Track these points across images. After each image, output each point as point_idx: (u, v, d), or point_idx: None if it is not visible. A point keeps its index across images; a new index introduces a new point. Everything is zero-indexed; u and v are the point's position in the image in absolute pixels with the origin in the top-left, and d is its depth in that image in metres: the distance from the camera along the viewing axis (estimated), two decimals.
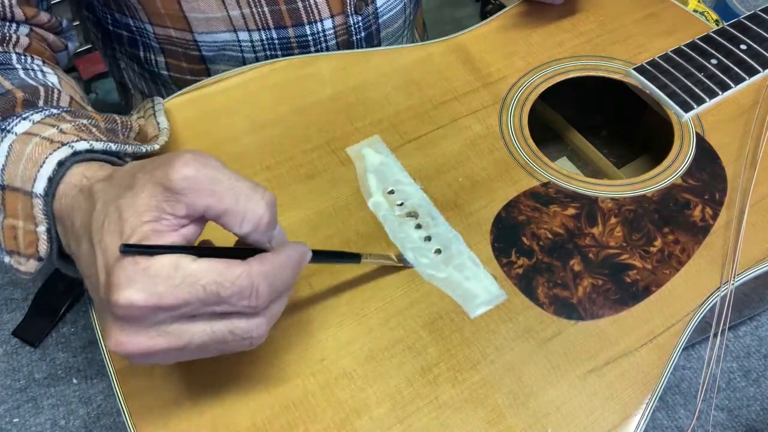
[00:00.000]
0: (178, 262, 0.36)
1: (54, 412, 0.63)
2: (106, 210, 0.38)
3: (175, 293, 0.36)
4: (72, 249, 0.43)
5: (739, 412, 0.59)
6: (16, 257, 0.46)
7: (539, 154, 0.60)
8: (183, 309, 0.37)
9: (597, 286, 0.52)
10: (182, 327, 0.38)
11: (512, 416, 0.46)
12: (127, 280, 0.35)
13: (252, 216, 0.38)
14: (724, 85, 0.64)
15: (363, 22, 0.74)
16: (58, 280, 0.69)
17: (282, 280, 0.40)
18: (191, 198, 0.37)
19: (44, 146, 0.45)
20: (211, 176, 0.37)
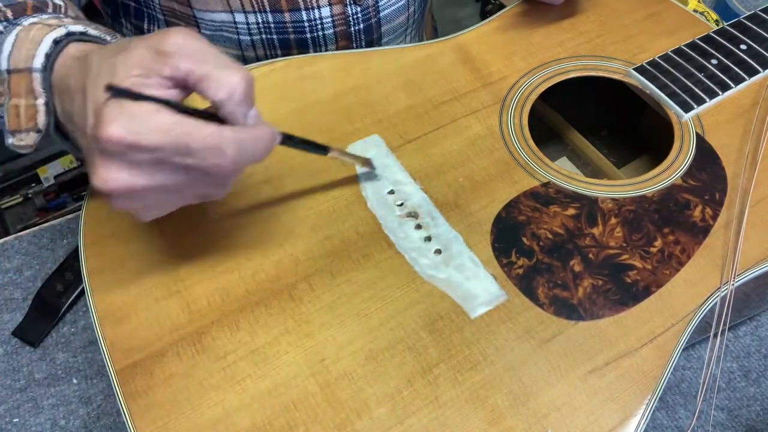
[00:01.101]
0: (158, 110, 0.40)
1: (54, 412, 0.63)
2: (100, 67, 0.42)
3: (151, 136, 0.39)
4: (67, 113, 0.48)
5: (739, 412, 0.59)
6: (18, 135, 0.50)
7: (539, 155, 0.60)
8: (157, 153, 0.40)
9: (597, 286, 0.52)
10: (157, 168, 0.41)
11: (512, 417, 0.46)
12: (111, 118, 0.39)
13: (227, 84, 0.41)
14: (724, 85, 0.64)
15: (362, 14, 0.74)
16: (58, 280, 0.69)
17: (251, 153, 0.43)
18: (177, 60, 0.41)
19: (44, 29, 0.50)
20: (197, 46, 0.42)
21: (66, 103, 0.47)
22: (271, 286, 0.53)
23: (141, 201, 0.43)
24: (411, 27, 0.83)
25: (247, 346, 0.50)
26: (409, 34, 0.84)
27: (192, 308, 0.52)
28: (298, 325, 0.50)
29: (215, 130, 0.41)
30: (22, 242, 0.73)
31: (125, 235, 0.56)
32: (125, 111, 0.39)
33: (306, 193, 0.58)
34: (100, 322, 0.51)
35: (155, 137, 0.40)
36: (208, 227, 0.56)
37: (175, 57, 0.41)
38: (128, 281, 0.53)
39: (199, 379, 0.48)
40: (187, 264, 0.54)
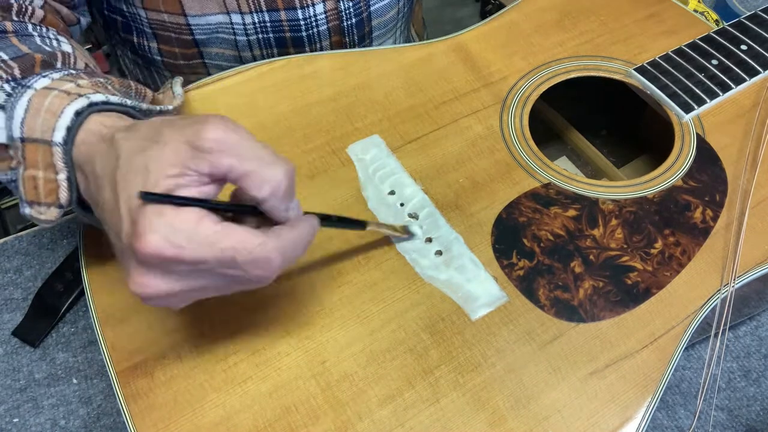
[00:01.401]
0: (200, 219, 0.38)
1: (54, 412, 0.63)
2: (131, 160, 0.40)
3: (195, 250, 0.38)
4: (92, 195, 0.45)
5: (739, 412, 0.59)
6: (37, 207, 0.48)
7: (540, 155, 0.60)
8: (200, 265, 0.39)
9: (598, 288, 0.52)
10: (198, 275, 0.40)
11: (513, 419, 0.46)
12: (149, 228, 0.37)
13: (271, 180, 0.39)
14: (725, 86, 0.64)
15: (354, 8, 0.75)
16: (58, 280, 0.69)
17: (294, 255, 0.42)
18: (216, 157, 0.38)
19: (62, 98, 0.46)
20: (237, 140, 0.39)
21: (92, 188, 0.44)
22: (272, 287, 0.52)
23: (178, 301, 0.42)
24: (401, 21, 0.84)
25: (248, 348, 0.49)
26: (399, 27, 0.84)
27: (192, 309, 0.51)
28: (298, 327, 0.50)
29: (261, 242, 0.39)
30: (22, 242, 0.73)
31: None
32: (165, 221, 0.37)
33: (307, 193, 0.58)
34: (101, 323, 0.51)
35: (198, 251, 0.38)
36: None
37: (214, 154, 0.38)
38: None
39: (200, 380, 0.48)
40: None
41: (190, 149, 0.39)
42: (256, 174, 0.39)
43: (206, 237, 0.38)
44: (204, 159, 0.38)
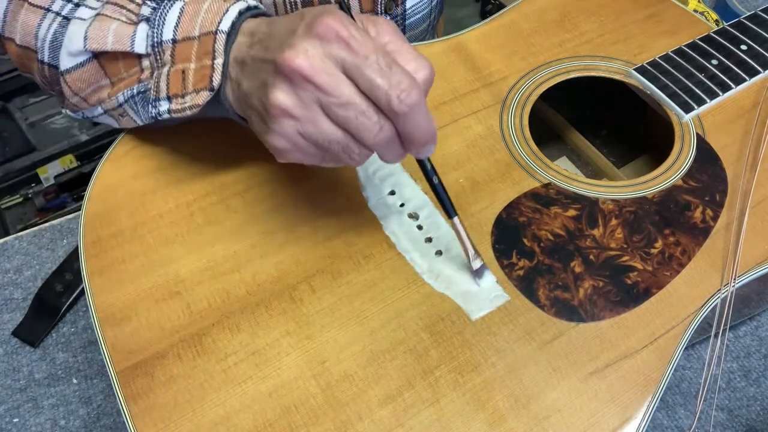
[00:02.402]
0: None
1: (54, 412, 0.63)
2: (301, 15, 0.45)
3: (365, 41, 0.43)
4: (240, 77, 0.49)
5: (739, 412, 0.59)
6: (179, 100, 0.52)
7: (540, 155, 0.60)
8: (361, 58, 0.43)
9: (598, 287, 0.52)
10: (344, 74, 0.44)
11: (513, 419, 0.46)
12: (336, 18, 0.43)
13: (417, 61, 0.45)
14: (725, 86, 0.64)
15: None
16: (58, 280, 0.69)
17: (421, 115, 0.44)
18: (382, 27, 0.46)
19: (220, 3, 0.52)
20: (398, 30, 0.46)
21: (254, 49, 0.48)
22: (272, 287, 0.52)
23: (302, 121, 0.45)
24: (429, 33, 0.84)
25: (248, 348, 0.50)
26: (425, 39, 0.84)
27: (192, 309, 0.52)
28: (299, 327, 0.50)
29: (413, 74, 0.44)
30: (22, 242, 0.73)
31: (125, 235, 0.56)
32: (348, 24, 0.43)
33: (307, 194, 0.58)
34: (101, 323, 0.51)
35: (369, 41, 0.43)
36: (208, 228, 0.56)
37: (382, 25, 0.45)
38: (128, 282, 0.53)
39: (200, 380, 0.48)
40: (187, 264, 0.54)
41: (361, 16, 0.46)
42: (407, 52, 0.45)
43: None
44: (373, 24, 0.45)
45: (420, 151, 0.47)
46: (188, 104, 0.52)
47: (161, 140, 0.62)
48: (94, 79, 0.57)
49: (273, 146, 0.47)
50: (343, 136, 0.45)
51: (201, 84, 0.51)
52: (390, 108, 0.43)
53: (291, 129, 0.45)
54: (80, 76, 0.57)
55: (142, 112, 0.56)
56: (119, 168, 0.60)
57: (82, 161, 1.82)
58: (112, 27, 0.54)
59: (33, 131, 1.84)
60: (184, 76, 0.52)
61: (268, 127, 0.46)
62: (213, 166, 0.60)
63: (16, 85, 1.84)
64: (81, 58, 0.56)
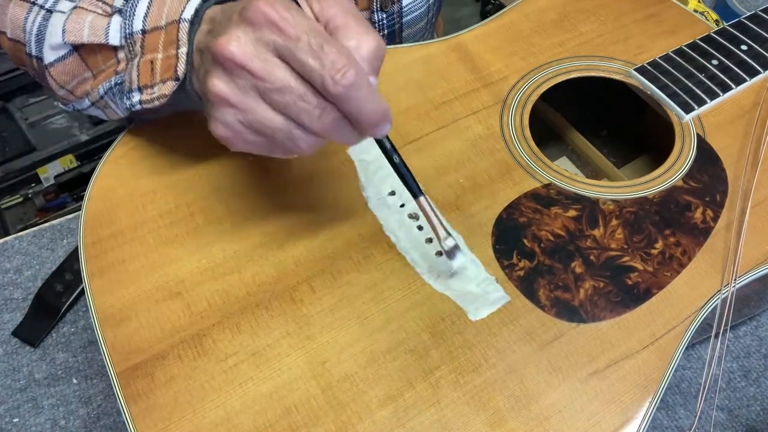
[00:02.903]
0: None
1: (54, 412, 0.63)
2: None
3: (298, 20, 0.42)
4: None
5: (739, 412, 0.59)
6: (148, 90, 0.52)
7: (540, 155, 0.60)
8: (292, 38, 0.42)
9: (598, 288, 0.52)
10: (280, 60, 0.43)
11: (514, 419, 0.46)
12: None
13: (360, 36, 0.44)
14: (725, 86, 0.64)
15: (387, 20, 0.75)
16: (58, 280, 0.69)
17: (363, 95, 0.43)
18: (328, 3, 0.44)
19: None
20: (347, 2, 0.45)
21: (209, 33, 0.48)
22: (272, 288, 0.52)
23: (243, 105, 0.44)
24: (427, 31, 0.83)
25: (248, 349, 0.49)
26: (425, 38, 0.84)
27: (192, 310, 0.52)
28: (299, 327, 0.50)
29: (351, 52, 0.43)
30: (22, 242, 0.73)
31: (125, 235, 0.56)
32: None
33: (307, 194, 0.58)
34: (101, 323, 0.51)
35: (302, 21, 0.42)
36: (208, 228, 0.56)
37: (327, 1, 0.44)
38: (128, 282, 0.53)
39: (200, 381, 0.48)
40: (187, 265, 0.54)
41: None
42: (352, 27, 0.43)
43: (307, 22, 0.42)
44: (318, 1, 0.44)
45: (372, 131, 0.45)
46: (156, 95, 0.52)
47: (161, 140, 0.62)
48: (77, 72, 0.57)
49: (215, 135, 0.46)
50: (284, 123, 0.44)
51: (167, 74, 0.51)
52: (326, 90, 0.42)
53: (231, 117, 0.44)
54: (63, 69, 0.57)
55: (120, 103, 0.55)
56: (119, 168, 0.60)
57: (82, 161, 1.82)
58: (88, 19, 0.55)
59: (33, 131, 1.84)
60: (153, 66, 0.52)
61: (210, 114, 0.46)
62: (213, 166, 0.60)
63: (16, 85, 1.83)
64: (62, 51, 0.57)
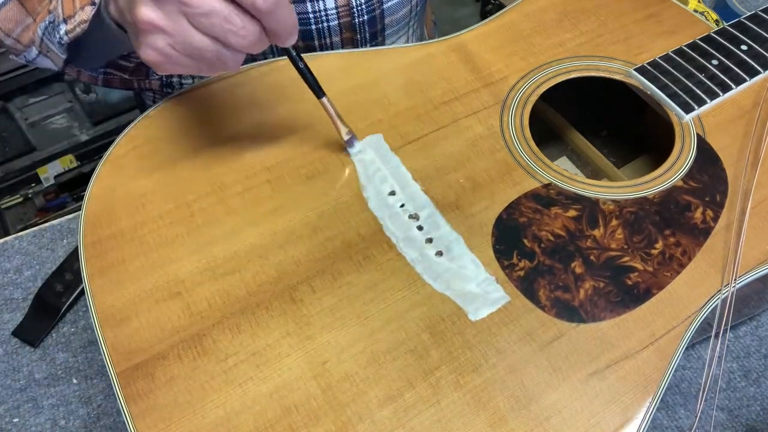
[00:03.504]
0: None
1: (54, 412, 0.63)
2: None
3: None
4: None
5: (739, 412, 0.59)
6: (72, 20, 0.54)
7: (540, 155, 0.60)
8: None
9: (598, 288, 0.52)
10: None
11: (514, 419, 0.46)
12: None
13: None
14: (725, 86, 0.64)
15: (366, 5, 0.74)
16: (58, 280, 0.69)
17: (281, 17, 0.46)
18: None
19: None
20: None
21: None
22: (272, 288, 0.52)
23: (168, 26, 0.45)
24: (414, 19, 0.83)
25: (249, 349, 0.49)
26: (412, 26, 0.84)
27: (193, 310, 0.52)
28: (299, 328, 0.50)
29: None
30: (22, 242, 0.73)
31: (125, 235, 0.56)
32: None
33: (307, 194, 0.58)
34: (101, 323, 0.51)
35: None
36: (208, 229, 0.56)
37: None
38: (128, 282, 0.53)
39: (200, 381, 0.48)
40: (187, 265, 0.54)
41: None
42: None
43: None
44: None
45: (285, 42, 0.49)
46: (77, 21, 0.54)
47: (161, 141, 0.62)
48: (19, 18, 0.59)
49: (147, 60, 0.48)
50: (212, 44, 0.46)
51: (85, 1, 0.54)
52: (255, 8, 0.45)
53: (161, 42, 0.46)
54: (5, 15, 0.59)
55: (53, 42, 0.57)
56: (119, 168, 0.60)
57: (82, 161, 1.82)
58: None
59: (33, 131, 1.84)
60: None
61: (140, 41, 0.47)
62: (213, 166, 0.60)
63: (16, 85, 1.84)
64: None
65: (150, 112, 0.64)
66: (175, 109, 0.64)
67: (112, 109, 1.86)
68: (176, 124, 0.62)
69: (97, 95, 1.55)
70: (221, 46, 0.47)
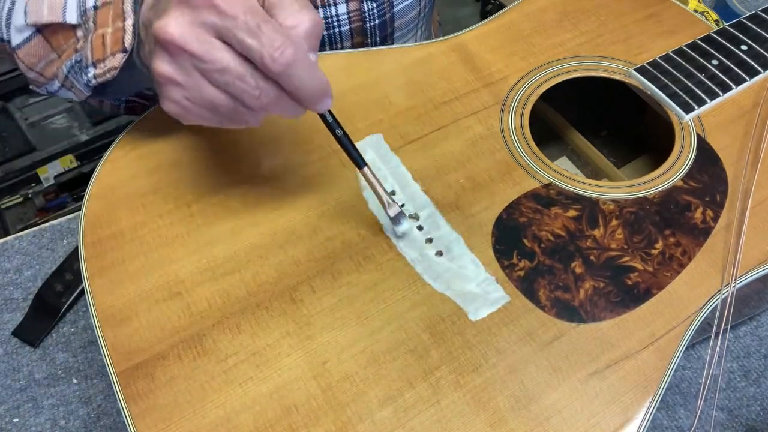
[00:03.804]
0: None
1: (54, 412, 0.63)
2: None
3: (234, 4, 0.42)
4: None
5: (739, 412, 0.59)
6: (101, 64, 0.54)
7: (540, 155, 0.60)
8: (230, 21, 0.42)
9: (598, 288, 0.52)
10: (221, 42, 0.44)
11: (514, 419, 0.46)
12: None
13: (296, 16, 0.44)
14: (725, 86, 0.64)
15: (377, 9, 0.74)
16: (58, 280, 0.69)
17: (303, 72, 0.44)
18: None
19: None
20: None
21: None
22: (272, 288, 0.52)
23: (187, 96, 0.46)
24: (422, 21, 0.83)
25: (249, 349, 0.50)
26: (420, 28, 0.84)
27: (193, 310, 0.52)
28: (299, 328, 0.50)
29: (287, 34, 0.43)
30: (22, 242, 0.73)
31: (125, 235, 0.56)
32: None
33: (307, 195, 0.58)
34: (101, 323, 0.51)
35: (239, 1, 0.42)
36: (208, 229, 0.56)
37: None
38: (128, 282, 0.53)
39: (200, 381, 0.48)
40: (187, 265, 0.54)
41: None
42: (287, 5, 0.44)
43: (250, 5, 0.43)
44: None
45: (315, 106, 0.47)
46: (107, 67, 0.54)
47: (161, 141, 0.62)
48: (43, 53, 0.59)
49: (168, 112, 0.48)
50: (228, 100, 0.46)
51: (116, 47, 0.53)
52: (266, 68, 0.43)
53: (178, 95, 0.46)
54: (29, 50, 0.59)
55: (80, 79, 0.57)
56: (119, 168, 0.60)
57: (82, 161, 1.82)
58: (46, 0, 0.56)
59: (33, 131, 1.84)
60: (104, 40, 0.53)
61: (160, 92, 0.47)
62: (213, 166, 0.60)
63: (16, 85, 1.83)
64: (27, 33, 0.58)
65: (150, 112, 0.64)
66: None
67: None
68: (176, 125, 0.62)
69: None
70: (238, 104, 0.46)
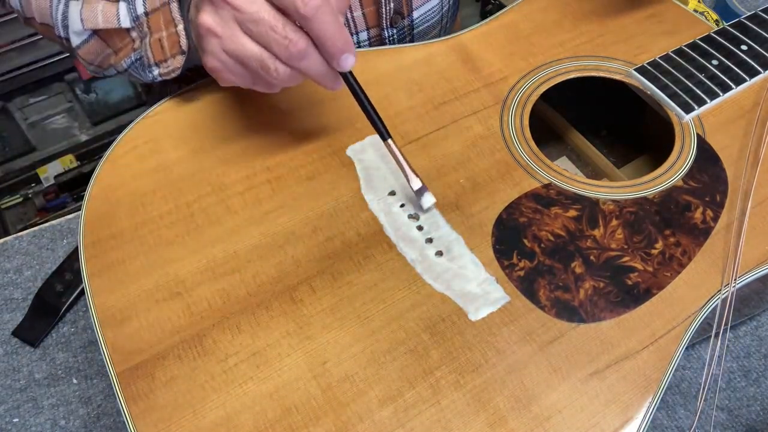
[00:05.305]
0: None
1: (54, 412, 0.63)
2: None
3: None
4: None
5: (739, 412, 0.59)
6: (164, 64, 0.60)
7: (540, 155, 0.60)
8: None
9: (598, 288, 0.52)
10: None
11: (514, 419, 0.46)
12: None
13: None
14: (725, 86, 0.64)
15: (398, 34, 0.76)
16: (58, 280, 0.69)
17: (325, 26, 0.48)
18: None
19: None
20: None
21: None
22: (272, 288, 0.52)
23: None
24: (441, 34, 0.84)
25: (249, 349, 0.49)
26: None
27: (193, 310, 0.52)
28: (299, 328, 0.50)
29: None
30: (22, 242, 0.73)
31: (125, 235, 0.56)
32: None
33: (307, 195, 0.58)
34: (101, 323, 0.51)
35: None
36: (208, 229, 0.56)
37: None
38: (128, 283, 0.53)
39: (200, 381, 0.48)
40: (187, 265, 0.54)
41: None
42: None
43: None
44: None
45: (339, 60, 0.51)
46: (171, 68, 0.59)
47: (161, 141, 0.62)
48: (101, 50, 0.63)
49: (207, 67, 0.53)
50: (258, 51, 0.50)
51: (174, 50, 0.59)
52: (297, 12, 0.47)
53: (216, 47, 0.51)
54: (88, 50, 0.64)
55: (144, 75, 0.62)
56: (119, 168, 0.60)
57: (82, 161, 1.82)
58: (99, 8, 0.61)
59: (33, 131, 1.84)
60: (161, 44, 0.59)
61: (202, 48, 0.52)
62: (213, 166, 0.60)
63: (16, 85, 1.83)
64: (84, 36, 0.63)
65: (150, 112, 0.64)
66: (175, 109, 0.64)
67: (112, 109, 1.86)
68: (176, 125, 0.62)
69: (97, 95, 1.55)
70: (267, 55, 0.50)
